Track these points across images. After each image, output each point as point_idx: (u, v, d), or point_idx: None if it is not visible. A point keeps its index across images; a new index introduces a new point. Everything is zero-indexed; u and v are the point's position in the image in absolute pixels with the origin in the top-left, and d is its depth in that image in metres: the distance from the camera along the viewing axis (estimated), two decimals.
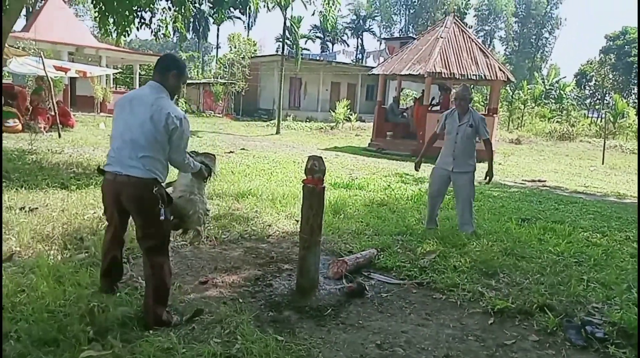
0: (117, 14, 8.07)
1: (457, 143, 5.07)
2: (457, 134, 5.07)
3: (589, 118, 35.63)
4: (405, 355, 2.78)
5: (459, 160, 5.07)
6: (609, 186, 10.43)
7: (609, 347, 2.94)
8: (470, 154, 5.13)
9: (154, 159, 2.83)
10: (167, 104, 2.85)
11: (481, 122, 5.08)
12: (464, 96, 5.11)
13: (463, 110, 5.10)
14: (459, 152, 5.07)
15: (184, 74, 2.99)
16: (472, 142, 5.13)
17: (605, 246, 5.11)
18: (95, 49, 21.90)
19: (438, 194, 5.27)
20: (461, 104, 5.09)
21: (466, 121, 5.06)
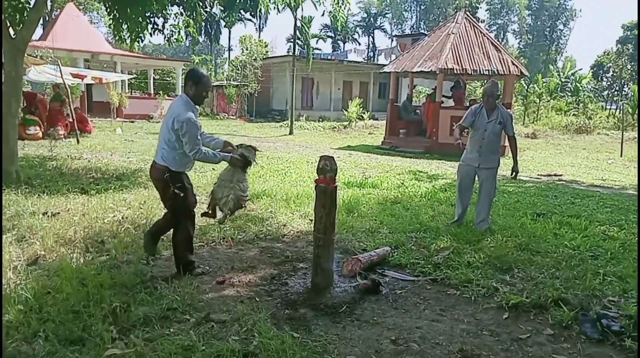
0: (131, 21, 8.21)
1: (484, 139, 5.08)
2: (485, 131, 5.07)
3: (607, 110, 34.98)
4: (420, 351, 2.82)
5: (485, 156, 5.11)
6: (627, 179, 10.28)
7: (625, 340, 2.94)
8: (496, 151, 5.19)
9: (169, 152, 3.55)
10: (179, 109, 3.47)
11: (509, 119, 5.10)
12: (491, 92, 5.06)
13: (491, 106, 5.07)
14: (485, 148, 5.09)
15: (200, 84, 3.56)
16: (499, 139, 5.18)
17: (622, 239, 5.07)
18: (110, 55, 22.29)
19: (467, 191, 5.30)
20: (489, 101, 5.06)
21: (494, 118, 5.05)
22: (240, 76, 29.59)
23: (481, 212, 5.21)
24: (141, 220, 5.06)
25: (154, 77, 27.15)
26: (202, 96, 3.61)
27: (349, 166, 10.35)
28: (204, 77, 3.59)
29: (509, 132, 5.13)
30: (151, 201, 5.89)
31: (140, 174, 7.87)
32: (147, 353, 2.56)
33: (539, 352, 2.86)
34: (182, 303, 3.22)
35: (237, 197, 3.73)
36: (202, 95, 3.61)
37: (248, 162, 3.81)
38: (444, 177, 9.18)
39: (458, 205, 5.40)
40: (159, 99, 23.78)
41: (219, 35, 54.10)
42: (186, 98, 3.57)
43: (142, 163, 9.17)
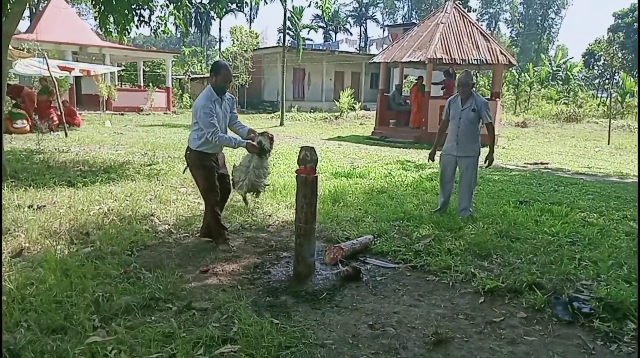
0: (116, 13, 8.17)
1: (460, 128, 5.17)
2: (459, 118, 5.16)
3: (598, 98, 35.23)
4: (396, 334, 2.90)
5: (462, 145, 5.18)
6: (612, 167, 10.42)
7: (594, 321, 3.04)
8: (474, 139, 5.21)
9: (191, 134, 4.14)
10: (199, 98, 4.03)
11: (484, 107, 5.15)
12: (466, 81, 5.18)
13: (465, 95, 5.18)
14: (462, 136, 5.16)
15: (219, 74, 4.00)
16: (475, 127, 5.20)
17: (601, 225, 5.17)
18: (98, 47, 22.09)
19: (449, 180, 5.38)
20: (464, 90, 5.16)
21: (468, 105, 5.14)
22: (231, 67, 29.40)
23: (462, 201, 5.32)
24: (127, 212, 5.10)
25: (144, 69, 26.93)
26: (222, 86, 4.04)
27: (337, 156, 10.41)
28: (222, 68, 4.02)
29: (485, 119, 5.18)
30: (137, 194, 5.93)
31: (127, 167, 7.88)
32: (128, 340, 2.62)
33: (511, 333, 2.95)
34: (165, 292, 3.27)
35: (251, 182, 3.96)
36: (222, 85, 4.03)
37: (263, 150, 3.98)
38: (431, 166, 9.24)
39: (440, 194, 5.53)
40: (148, 92, 23.64)
41: (209, 27, 53.69)
42: (209, 88, 4.04)
43: (131, 156, 9.18)
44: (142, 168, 7.86)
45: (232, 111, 4.24)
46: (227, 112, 4.17)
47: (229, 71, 4.07)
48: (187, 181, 6.86)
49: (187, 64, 32.42)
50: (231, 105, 4.22)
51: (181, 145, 10.83)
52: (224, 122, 4.13)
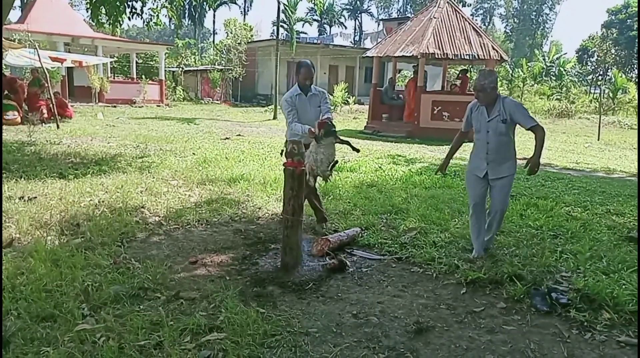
0: (108, 4, 8.16)
1: (489, 144, 3.94)
2: (487, 132, 3.94)
3: (591, 94, 35.48)
4: (379, 323, 2.98)
5: (494, 164, 3.97)
6: (600, 162, 10.56)
7: (570, 311, 3.14)
8: (508, 156, 3.99)
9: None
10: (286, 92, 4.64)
11: (516, 111, 3.87)
12: (481, 86, 3.87)
13: (487, 101, 3.92)
14: (493, 154, 3.95)
15: (299, 73, 4.54)
16: (508, 139, 3.95)
17: (584, 219, 5.28)
18: (91, 38, 21.94)
19: (480, 202, 4.13)
20: (480, 96, 3.92)
21: (496, 115, 3.89)
22: (224, 60, 29.35)
23: (489, 228, 4.17)
24: (117, 204, 5.15)
25: (137, 61, 26.79)
26: (302, 82, 4.51)
27: None
28: (302, 67, 4.51)
29: (526, 125, 3.85)
30: (128, 186, 5.97)
31: (119, 159, 7.91)
32: (117, 328, 2.69)
33: (490, 323, 3.04)
34: (154, 282, 3.34)
35: (310, 166, 3.99)
36: (302, 82, 4.51)
37: (316, 136, 4.06)
38: (422, 161, 9.36)
39: (473, 230, 4.14)
40: (141, 84, 23.54)
41: (203, 19, 53.33)
42: (295, 84, 4.60)
43: (122, 148, 9.19)
44: (134, 160, 7.89)
45: (323, 104, 4.57)
46: (316, 105, 4.55)
47: (309, 70, 4.48)
48: (178, 174, 6.92)
49: (181, 57, 32.23)
50: (321, 99, 4.58)
51: (174, 138, 10.87)
52: (312, 115, 4.48)
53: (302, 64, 4.54)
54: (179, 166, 7.41)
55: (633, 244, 4.47)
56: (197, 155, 8.58)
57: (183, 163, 7.77)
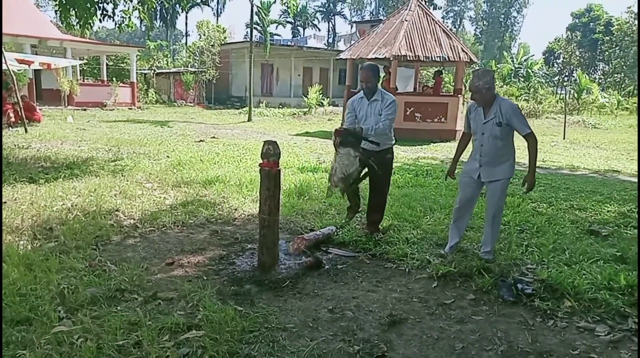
0: (78, 7, 8.04)
1: (483, 146, 3.90)
2: (482, 134, 3.89)
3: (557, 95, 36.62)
4: (354, 317, 3.08)
5: (488, 167, 3.92)
6: (565, 160, 10.95)
7: (535, 301, 3.31)
8: (503, 159, 3.91)
9: None
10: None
11: (513, 116, 3.75)
12: (475, 87, 3.78)
13: (484, 103, 3.84)
14: (486, 157, 3.91)
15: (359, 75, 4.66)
16: (504, 143, 3.87)
17: (549, 214, 5.52)
18: (59, 40, 21.44)
19: (466, 204, 4.14)
20: (475, 98, 3.85)
21: (492, 117, 3.81)
22: (198, 62, 29.11)
23: (485, 237, 4.10)
24: (91, 207, 5.10)
25: (107, 64, 26.29)
26: (361, 86, 4.47)
27: (304, 151, 10.55)
28: (360, 70, 4.62)
29: (521, 131, 3.78)
30: (102, 189, 5.92)
31: (91, 163, 7.80)
32: (94, 329, 2.71)
33: (460, 314, 3.18)
34: (131, 283, 3.35)
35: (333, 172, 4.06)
36: (361, 85, 4.49)
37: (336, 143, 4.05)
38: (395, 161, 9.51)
39: (452, 229, 4.22)
40: (112, 86, 23.13)
41: (175, 21, 52.67)
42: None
43: (94, 152, 9.06)
44: (107, 163, 7.79)
45: (384, 111, 4.31)
46: (377, 112, 4.35)
47: (364, 72, 4.34)
48: (152, 177, 6.88)
49: (153, 59, 31.80)
50: (383, 106, 4.32)
51: (147, 141, 10.76)
52: (371, 121, 4.33)
53: (360, 69, 4.55)
54: (153, 169, 7.37)
55: (594, 237, 4.71)
56: (171, 158, 8.54)
57: (157, 165, 7.73)
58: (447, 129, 14.09)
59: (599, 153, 12.89)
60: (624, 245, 4.37)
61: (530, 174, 3.85)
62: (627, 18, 46.00)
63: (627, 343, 2.84)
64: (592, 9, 52.71)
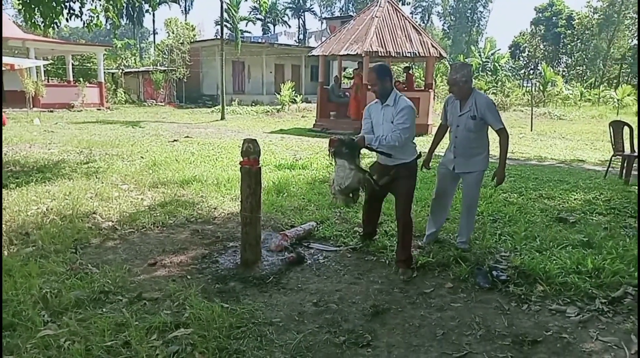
0: (43, 5, 7.83)
1: (457, 138, 4.00)
2: (457, 126, 3.98)
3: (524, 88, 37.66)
4: (338, 309, 3.17)
5: (462, 159, 4.01)
6: (533, 151, 11.33)
7: (509, 287, 3.47)
8: (476, 152, 3.99)
9: None
10: None
11: (487, 110, 3.85)
12: (453, 79, 3.85)
13: (461, 95, 3.91)
14: (460, 149, 4.00)
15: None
16: (478, 136, 3.96)
17: (520, 204, 5.74)
18: (21, 40, 20.75)
19: (442, 195, 4.24)
20: (453, 90, 3.91)
21: (467, 110, 3.88)
22: (167, 60, 28.65)
23: (461, 227, 4.26)
24: (67, 211, 5.03)
25: (73, 64, 25.58)
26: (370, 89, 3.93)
27: (280, 149, 10.58)
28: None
29: (494, 126, 3.88)
30: (77, 192, 5.83)
31: (63, 166, 7.64)
32: (81, 331, 2.70)
33: (440, 302, 3.31)
34: (114, 285, 3.35)
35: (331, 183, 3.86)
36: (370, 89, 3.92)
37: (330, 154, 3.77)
38: (370, 156, 9.65)
39: (430, 219, 4.36)
40: (79, 87, 22.55)
41: (142, 18, 51.63)
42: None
43: (65, 154, 8.87)
44: (79, 166, 7.65)
45: (395, 120, 3.62)
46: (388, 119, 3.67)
47: (370, 73, 3.79)
48: (128, 178, 6.80)
49: (120, 58, 31.12)
50: (395, 113, 3.63)
51: (119, 142, 10.59)
52: (383, 129, 3.71)
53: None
54: (128, 170, 7.28)
55: (562, 224, 4.94)
56: (145, 158, 8.44)
57: (132, 166, 7.63)
58: (419, 123, 14.08)
59: (564, 143, 13.37)
60: (590, 231, 4.60)
61: (500, 168, 4.00)
62: (587, 12, 47.61)
63: (595, 323, 3.02)
64: (554, 3, 54.26)
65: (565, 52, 52.46)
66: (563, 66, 52.38)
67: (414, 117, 3.67)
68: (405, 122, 3.60)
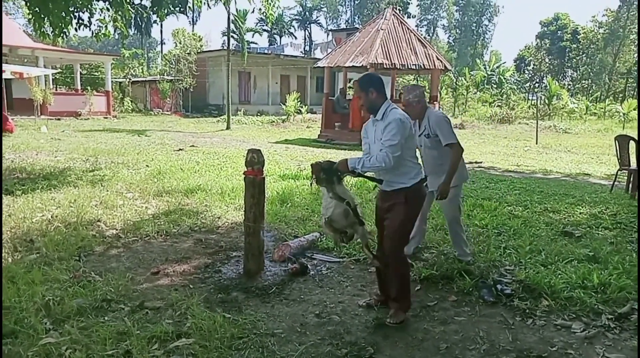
0: (53, 15, 7.93)
1: (423, 157, 4.03)
2: (421, 146, 4.03)
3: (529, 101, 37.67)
4: (341, 321, 3.14)
5: (432, 177, 3.90)
6: (538, 164, 11.29)
7: (514, 301, 3.43)
8: (444, 168, 3.91)
9: None
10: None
11: (438, 126, 3.86)
12: (406, 101, 3.91)
13: (416, 116, 3.93)
14: (428, 168, 3.96)
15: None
16: (440, 153, 3.96)
17: (525, 217, 5.70)
18: (30, 49, 21.01)
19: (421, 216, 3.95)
20: (408, 111, 3.70)
21: (423, 129, 3.96)
22: (174, 70, 28.90)
23: (453, 243, 4.27)
24: (72, 218, 5.05)
25: (81, 72, 25.85)
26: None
27: (285, 159, 10.60)
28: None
29: (443, 141, 3.86)
30: (82, 200, 5.85)
31: (69, 173, 7.68)
32: (82, 339, 2.70)
33: (443, 315, 3.28)
34: (117, 293, 3.35)
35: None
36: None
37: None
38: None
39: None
40: (87, 95, 22.76)
41: (150, 29, 52.25)
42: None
43: (71, 162, 8.93)
44: (85, 174, 7.69)
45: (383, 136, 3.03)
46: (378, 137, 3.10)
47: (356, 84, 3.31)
48: (132, 186, 6.83)
49: (128, 67, 31.41)
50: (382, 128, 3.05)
51: (124, 150, 10.65)
52: (372, 148, 3.19)
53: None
54: (133, 179, 7.31)
55: (568, 238, 4.89)
56: (151, 167, 8.48)
57: (137, 175, 7.66)
58: None
59: (570, 156, 13.31)
60: (596, 245, 4.56)
61: (444, 183, 3.85)
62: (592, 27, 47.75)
63: (602, 339, 2.98)
64: (559, 17, 54.47)
65: (571, 66, 52.54)
66: (568, 80, 52.38)
67: (405, 131, 3.03)
68: (393, 139, 2.97)
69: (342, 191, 3.24)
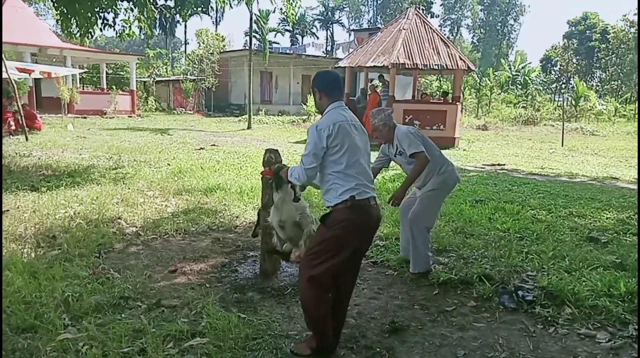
0: (79, 16, 8.11)
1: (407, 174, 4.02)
2: (400, 165, 4.11)
3: (555, 102, 36.84)
4: (357, 325, 3.10)
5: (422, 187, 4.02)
6: (564, 167, 11.01)
7: (535, 308, 3.33)
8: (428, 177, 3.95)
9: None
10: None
11: (401, 140, 3.81)
12: (373, 125, 3.89)
13: (386, 139, 3.95)
14: (418, 183, 4.02)
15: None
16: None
17: (548, 221, 5.55)
18: (59, 49, 21.54)
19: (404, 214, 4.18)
20: (377, 136, 3.90)
21: (395, 148, 3.93)
22: (197, 70, 29.25)
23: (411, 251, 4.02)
24: (93, 215, 5.13)
25: (107, 72, 26.39)
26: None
27: None
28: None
29: (407, 152, 3.77)
30: (103, 197, 5.95)
31: (93, 171, 7.83)
32: (99, 336, 2.73)
33: (462, 321, 3.21)
34: (134, 291, 3.38)
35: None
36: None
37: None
38: (395, 168, 9.57)
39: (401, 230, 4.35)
40: (112, 94, 23.21)
41: (174, 29, 53.00)
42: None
43: (95, 160, 9.10)
44: (108, 171, 7.82)
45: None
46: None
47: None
48: (153, 184, 6.91)
49: (152, 67, 31.92)
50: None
51: (147, 149, 10.81)
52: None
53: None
54: (154, 177, 7.40)
55: (593, 244, 4.74)
56: (172, 166, 8.57)
57: (158, 173, 7.76)
58: (446, 136, 14.12)
59: (597, 160, 12.95)
60: (624, 252, 4.40)
61: (400, 189, 3.89)
62: (623, 26, 46.38)
63: (628, 350, 2.86)
64: (588, 17, 53.12)
65: (599, 67, 51.11)
66: (597, 81, 51.01)
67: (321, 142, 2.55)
68: (305, 149, 2.59)
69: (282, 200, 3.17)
